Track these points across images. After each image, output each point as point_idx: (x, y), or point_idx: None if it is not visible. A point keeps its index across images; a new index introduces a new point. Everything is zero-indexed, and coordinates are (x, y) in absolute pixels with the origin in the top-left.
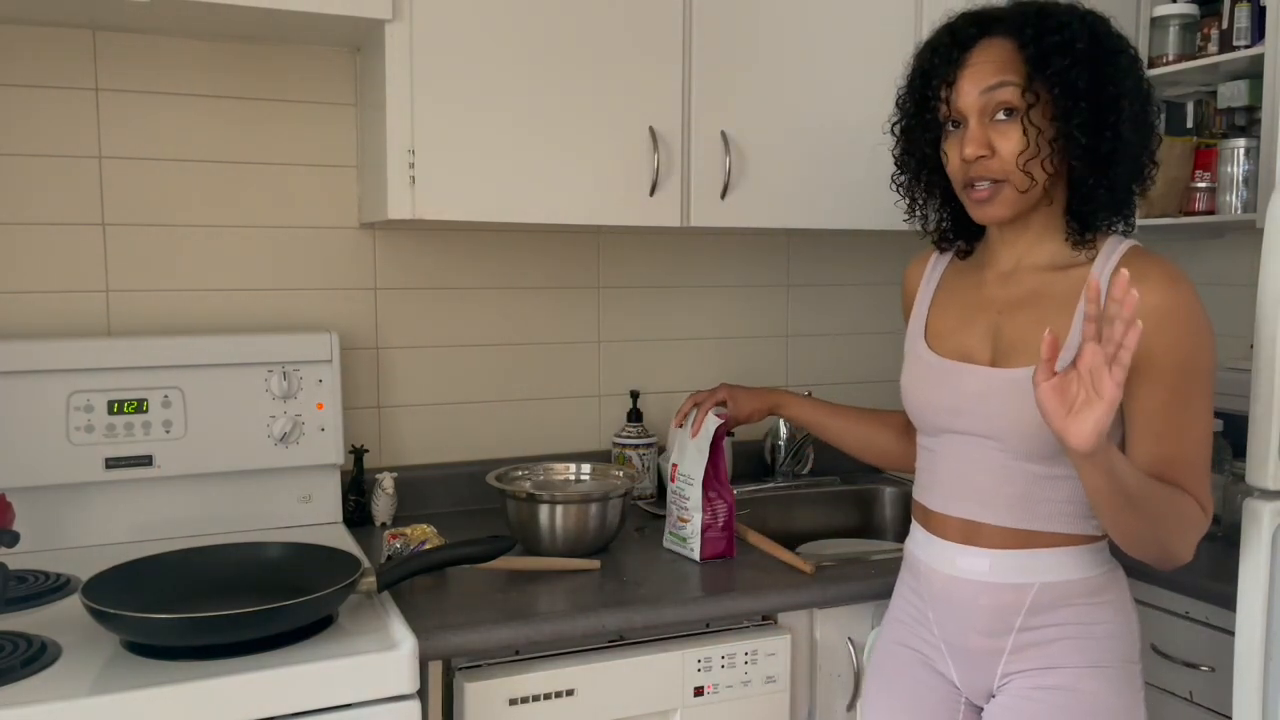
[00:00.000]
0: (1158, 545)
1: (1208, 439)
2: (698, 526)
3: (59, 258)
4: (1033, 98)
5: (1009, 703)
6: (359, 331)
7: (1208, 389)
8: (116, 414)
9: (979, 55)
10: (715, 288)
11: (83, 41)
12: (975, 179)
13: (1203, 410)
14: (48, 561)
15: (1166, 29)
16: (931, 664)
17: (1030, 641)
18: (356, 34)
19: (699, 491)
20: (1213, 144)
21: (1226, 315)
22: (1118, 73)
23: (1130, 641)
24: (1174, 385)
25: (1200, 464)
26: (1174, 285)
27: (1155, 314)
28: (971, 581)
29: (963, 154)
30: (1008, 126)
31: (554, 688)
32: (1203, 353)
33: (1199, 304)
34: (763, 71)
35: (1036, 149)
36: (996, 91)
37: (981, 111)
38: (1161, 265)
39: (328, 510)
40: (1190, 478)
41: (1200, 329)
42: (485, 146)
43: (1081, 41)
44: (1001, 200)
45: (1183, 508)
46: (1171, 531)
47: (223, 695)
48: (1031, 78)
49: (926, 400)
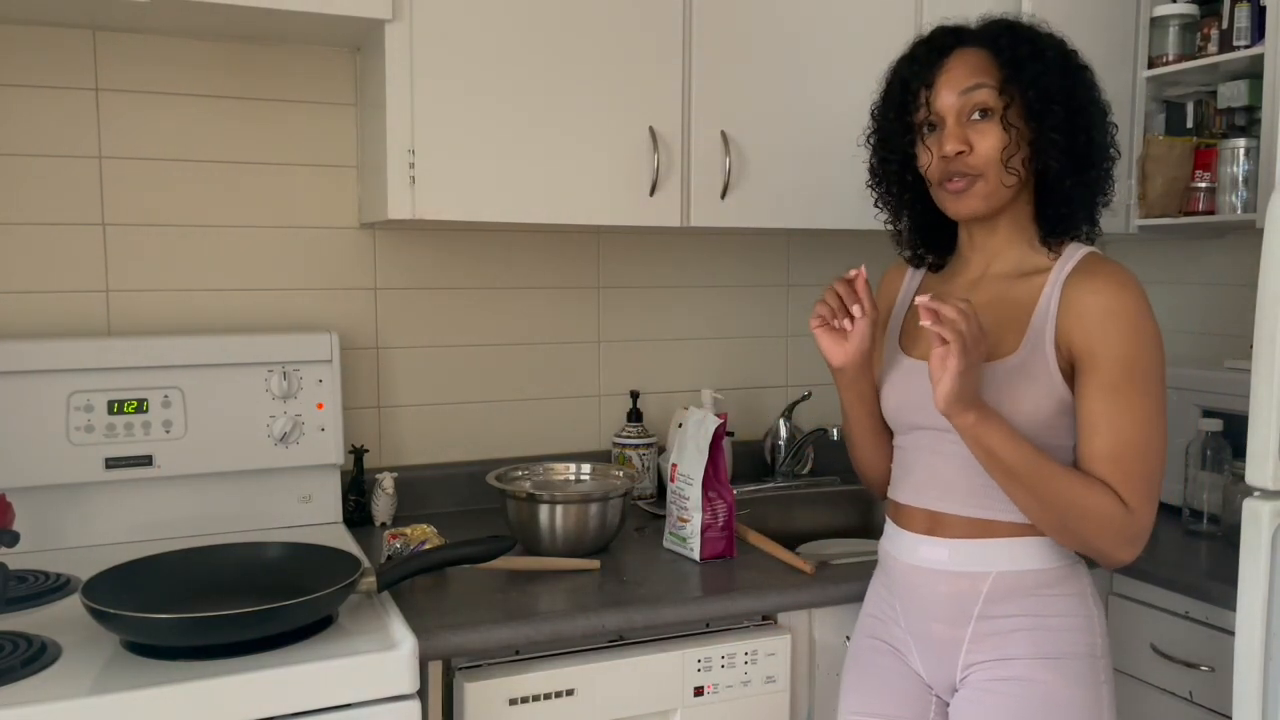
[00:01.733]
0: (1070, 534)
1: (1149, 441)
2: (697, 526)
3: (59, 258)
4: (1008, 99)
5: (970, 695)
6: (359, 331)
7: (1151, 390)
8: (116, 414)
9: (955, 61)
10: (715, 288)
11: (83, 41)
12: (953, 175)
13: (1144, 410)
14: (48, 561)
15: (1166, 29)
16: (903, 659)
17: (988, 631)
18: (356, 34)
19: (698, 491)
20: (1213, 144)
21: (1226, 315)
22: (1085, 85)
23: (1091, 635)
24: (1114, 384)
25: (1133, 463)
26: (1120, 288)
27: (1099, 314)
28: (932, 570)
29: (942, 150)
30: (985, 125)
31: (554, 688)
32: (1144, 354)
33: (1145, 307)
34: (763, 72)
35: (1015, 146)
36: (974, 93)
37: (959, 112)
38: (1110, 269)
39: (328, 510)
40: (1119, 475)
41: (1143, 331)
42: (485, 146)
43: (1051, 52)
44: (975, 193)
45: (1089, 500)
46: (1081, 523)
47: (223, 695)
48: (1007, 81)
49: (897, 399)
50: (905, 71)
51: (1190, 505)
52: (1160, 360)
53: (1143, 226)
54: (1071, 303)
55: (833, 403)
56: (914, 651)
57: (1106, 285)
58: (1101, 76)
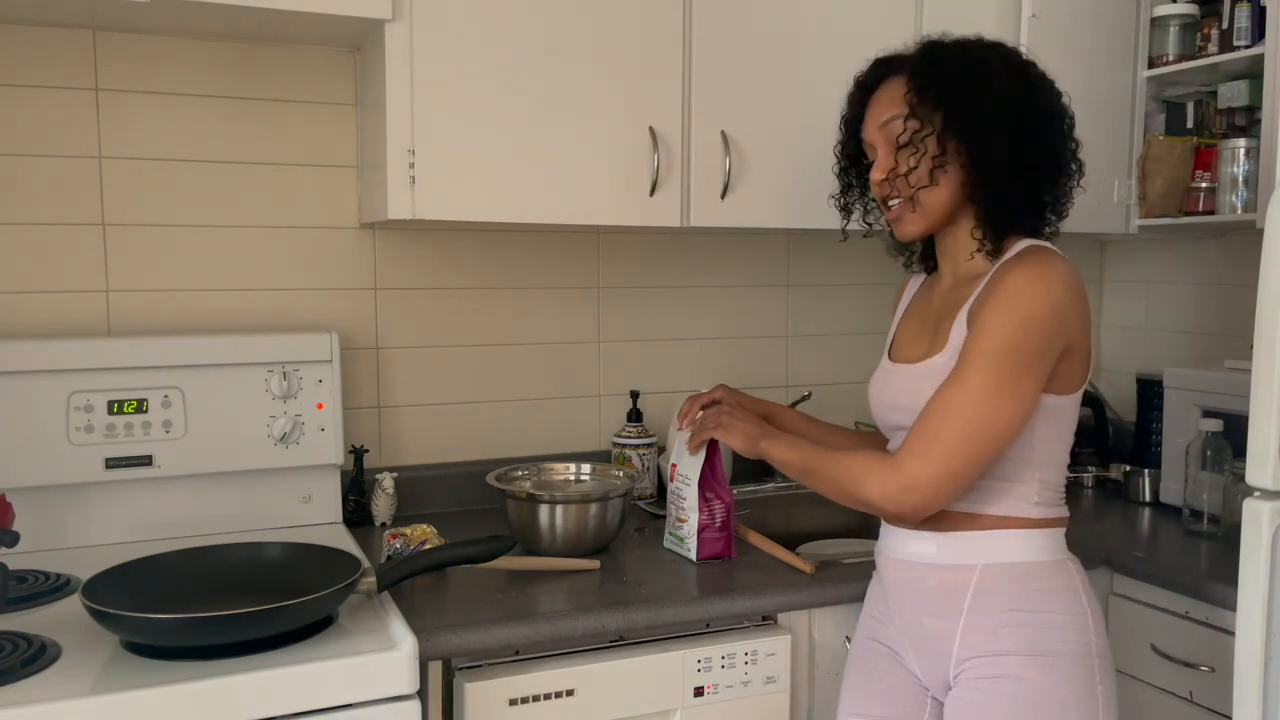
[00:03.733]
0: (848, 496)
1: (964, 410)
2: (694, 527)
3: (59, 258)
4: (918, 124)
5: (962, 694)
6: (359, 331)
7: (998, 370)
8: (116, 414)
9: (880, 94)
10: (715, 288)
11: (83, 41)
12: (887, 198)
13: (979, 385)
14: (48, 561)
15: (1166, 29)
16: (899, 659)
17: (978, 626)
18: (356, 34)
19: (695, 491)
20: (1213, 144)
21: (1226, 315)
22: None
23: (1084, 634)
24: (967, 353)
25: (934, 419)
26: (1014, 273)
27: (991, 293)
28: (921, 564)
29: (873, 177)
30: (905, 153)
31: (554, 688)
32: (1001, 333)
33: (1041, 294)
34: (763, 71)
35: (930, 164)
36: (889, 125)
37: (886, 142)
38: (1035, 255)
39: (328, 510)
40: (915, 429)
41: (1017, 312)
42: (485, 146)
43: (974, 67)
44: (909, 219)
45: (849, 463)
46: (849, 483)
47: (222, 695)
48: (916, 108)
49: (876, 398)
50: (845, 111)
51: (1190, 505)
52: (1029, 347)
53: (1143, 226)
54: (988, 287)
55: (833, 403)
56: (909, 651)
57: (1014, 267)
58: (1101, 76)
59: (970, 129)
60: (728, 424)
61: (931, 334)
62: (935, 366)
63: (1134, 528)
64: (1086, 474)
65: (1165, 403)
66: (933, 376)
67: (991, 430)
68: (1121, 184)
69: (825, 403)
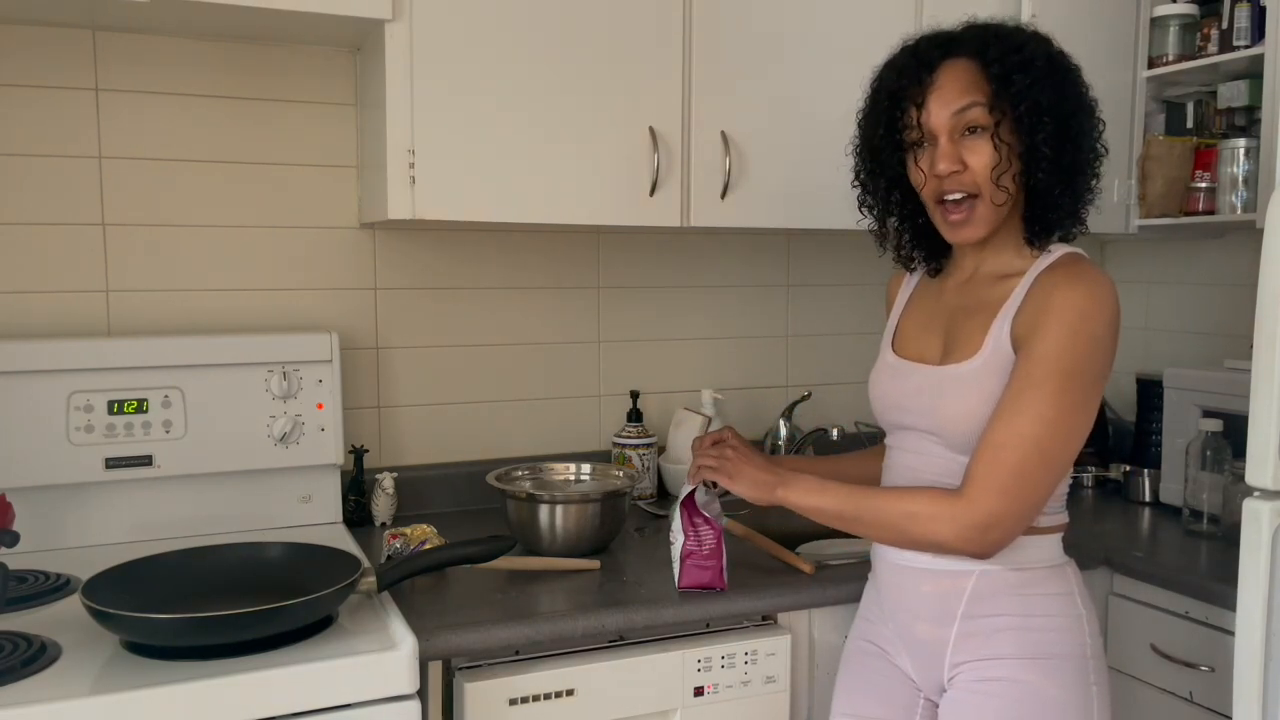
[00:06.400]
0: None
1: (1038, 440)
2: (679, 551)
3: (59, 258)
4: (999, 115)
5: (957, 696)
6: (359, 331)
7: (1067, 394)
8: (116, 414)
9: (945, 77)
10: (715, 288)
11: (83, 41)
12: (948, 192)
13: (1050, 411)
14: (48, 561)
15: (1166, 29)
16: (892, 660)
17: (973, 630)
18: (356, 34)
19: (679, 511)
20: (1213, 144)
21: (1227, 315)
22: (1073, 89)
23: (1080, 636)
24: (1030, 377)
25: (1008, 453)
26: (1079, 287)
27: (1048, 308)
28: (916, 569)
29: (935, 170)
30: (976, 142)
31: (554, 688)
32: (1074, 357)
33: (1099, 312)
34: (763, 71)
35: (1008, 163)
36: (966, 112)
37: (951, 130)
38: (1081, 268)
39: (328, 510)
40: (986, 461)
41: (1082, 334)
42: (485, 146)
43: (1040, 60)
44: (977, 220)
45: (910, 504)
46: (916, 527)
47: (223, 695)
48: (997, 95)
49: (882, 397)
50: (893, 85)
51: (1190, 505)
52: (1095, 369)
53: (1143, 226)
54: (1033, 297)
55: (833, 403)
56: (902, 653)
57: (1067, 280)
58: (1101, 76)
59: (1048, 125)
60: (733, 471)
61: (945, 332)
62: (967, 371)
63: (1134, 528)
64: (1086, 474)
65: (1165, 403)
66: (963, 381)
67: (1067, 458)
68: (1121, 184)
69: (825, 403)
